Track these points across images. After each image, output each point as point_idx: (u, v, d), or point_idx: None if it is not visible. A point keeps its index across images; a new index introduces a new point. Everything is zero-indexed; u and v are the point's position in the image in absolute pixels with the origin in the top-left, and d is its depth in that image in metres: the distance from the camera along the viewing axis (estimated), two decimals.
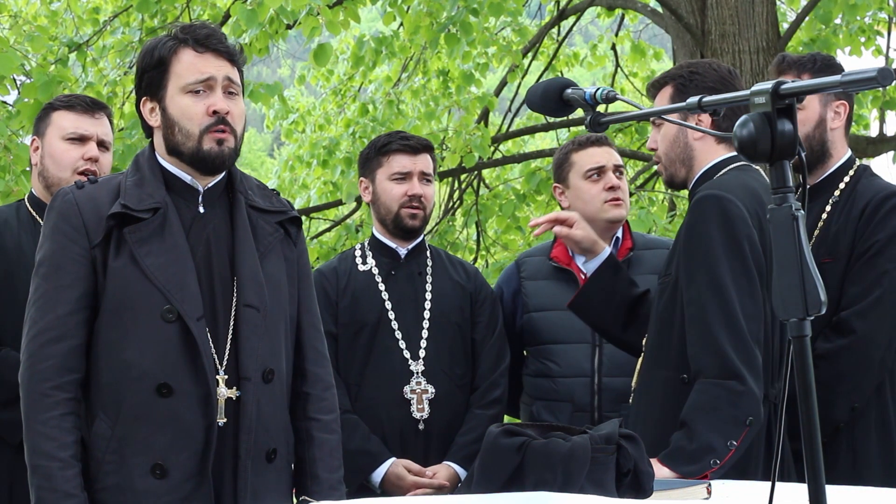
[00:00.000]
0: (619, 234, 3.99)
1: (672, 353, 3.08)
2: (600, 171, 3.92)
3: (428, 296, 3.84)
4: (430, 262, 3.91)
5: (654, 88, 3.28)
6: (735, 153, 3.18)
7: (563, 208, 4.04)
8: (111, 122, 3.74)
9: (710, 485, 2.53)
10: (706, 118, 3.18)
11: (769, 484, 1.91)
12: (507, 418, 4.55)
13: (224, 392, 2.79)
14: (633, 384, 3.30)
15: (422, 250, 3.92)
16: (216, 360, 2.80)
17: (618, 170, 3.95)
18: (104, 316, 2.79)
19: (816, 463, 1.72)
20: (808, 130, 3.47)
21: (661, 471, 2.80)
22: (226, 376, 2.80)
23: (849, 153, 3.56)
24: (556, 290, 3.89)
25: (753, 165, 3.24)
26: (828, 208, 3.47)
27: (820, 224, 3.46)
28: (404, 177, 3.81)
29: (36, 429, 2.73)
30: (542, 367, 3.89)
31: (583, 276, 3.89)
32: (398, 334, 3.78)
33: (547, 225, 3.64)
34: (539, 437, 2.37)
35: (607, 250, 3.63)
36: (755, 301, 2.99)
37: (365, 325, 3.76)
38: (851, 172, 3.51)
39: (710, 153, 3.21)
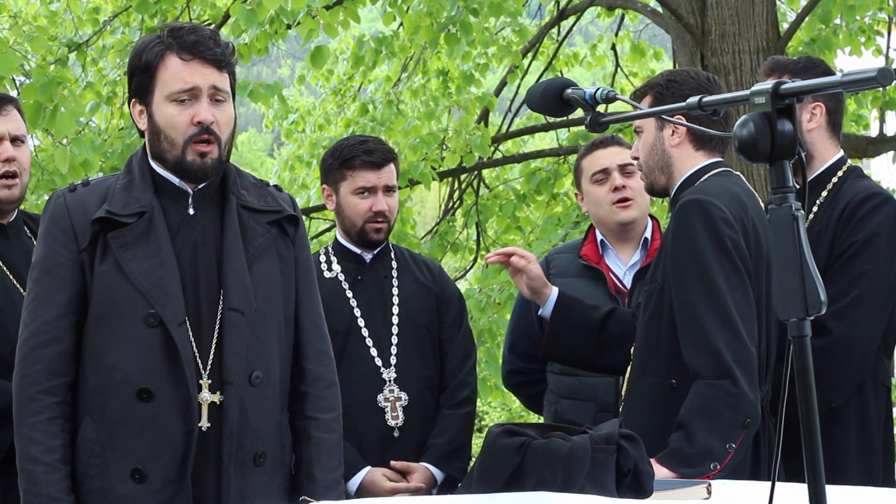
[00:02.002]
0: (648, 234, 3.97)
1: (660, 359, 3.09)
2: (604, 172, 3.90)
3: (395, 300, 3.83)
4: (395, 265, 3.89)
5: (636, 98, 3.29)
6: (715, 160, 3.23)
7: (587, 214, 4.07)
8: (21, 114, 3.52)
9: (710, 485, 2.53)
10: (682, 128, 3.19)
11: (769, 484, 1.91)
12: (534, 417, 4.58)
13: (207, 397, 2.79)
14: (622, 392, 3.31)
15: (386, 252, 3.89)
16: (200, 364, 2.80)
17: (624, 169, 3.91)
18: (90, 320, 2.80)
19: (816, 463, 1.72)
20: None
21: (660, 471, 2.80)
22: (209, 381, 2.80)
23: (838, 155, 3.53)
24: (586, 288, 3.88)
25: (734, 171, 3.26)
26: (815, 209, 3.47)
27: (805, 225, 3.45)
28: (368, 191, 3.77)
29: (24, 433, 2.76)
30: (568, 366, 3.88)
31: (611, 276, 3.91)
32: (369, 342, 3.77)
33: (501, 257, 3.64)
34: (539, 437, 2.37)
35: (555, 290, 3.63)
36: (748, 300, 3.00)
37: (335, 333, 3.66)
38: (840, 174, 3.50)
39: (689, 160, 3.22)
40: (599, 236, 3.98)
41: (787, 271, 1.73)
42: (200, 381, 2.79)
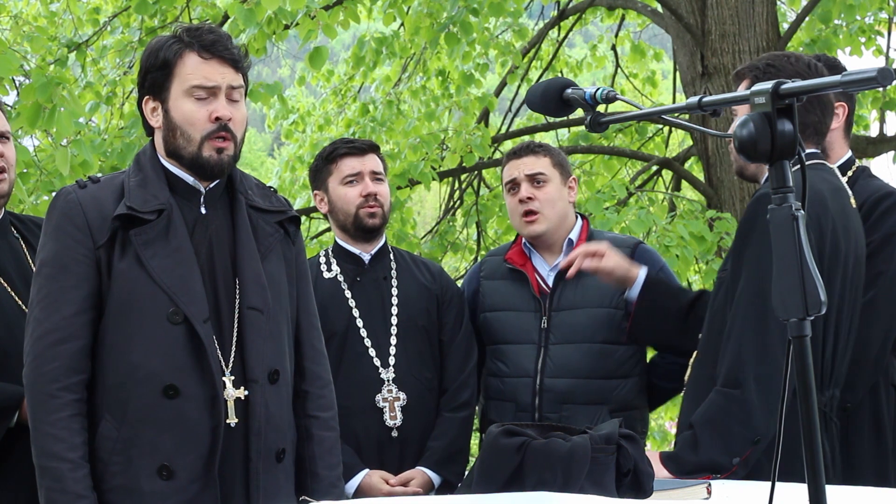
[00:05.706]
0: (574, 235, 3.89)
1: (712, 351, 3.02)
2: (513, 183, 3.87)
3: (394, 300, 3.83)
4: (394, 266, 3.90)
5: (737, 79, 3.22)
6: (808, 150, 3.09)
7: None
8: (2, 111, 3.45)
9: (710, 485, 2.53)
10: None
11: (769, 484, 1.91)
12: None
13: (232, 393, 2.79)
14: (685, 378, 3.28)
15: (385, 254, 3.90)
16: (222, 361, 2.81)
17: (534, 179, 3.84)
18: (109, 318, 2.79)
19: (816, 463, 1.72)
20: None
21: (661, 471, 2.79)
22: (232, 377, 2.80)
23: (848, 154, 3.56)
24: (509, 290, 3.88)
25: (827, 165, 3.17)
26: None
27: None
28: (355, 178, 3.81)
29: (44, 430, 2.73)
30: (493, 367, 3.89)
31: (536, 277, 3.87)
32: (367, 342, 3.77)
33: (579, 262, 3.62)
34: (539, 437, 2.38)
35: (643, 272, 3.62)
36: None
37: (334, 333, 3.71)
38: (850, 173, 3.52)
39: None
40: (525, 240, 3.94)
41: (787, 271, 1.73)
42: (224, 378, 2.79)
